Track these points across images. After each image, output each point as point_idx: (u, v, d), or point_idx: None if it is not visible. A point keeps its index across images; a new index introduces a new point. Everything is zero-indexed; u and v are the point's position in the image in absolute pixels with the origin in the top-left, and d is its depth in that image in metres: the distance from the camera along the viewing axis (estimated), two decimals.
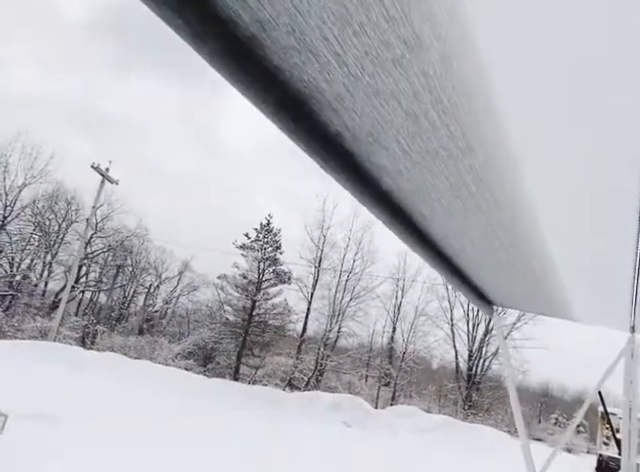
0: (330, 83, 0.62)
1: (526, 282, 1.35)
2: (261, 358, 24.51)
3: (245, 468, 6.80)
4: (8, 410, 5.43)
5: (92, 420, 7.56)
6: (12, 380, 8.88)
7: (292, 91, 0.67)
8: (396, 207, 0.95)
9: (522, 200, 0.89)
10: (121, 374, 13.49)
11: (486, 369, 27.59)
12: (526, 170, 0.80)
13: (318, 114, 0.71)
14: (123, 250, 27.82)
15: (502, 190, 0.84)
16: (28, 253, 25.78)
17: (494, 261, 1.18)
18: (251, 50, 0.60)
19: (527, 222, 0.96)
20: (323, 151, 0.79)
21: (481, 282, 1.45)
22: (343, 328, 26.95)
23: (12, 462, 4.91)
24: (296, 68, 0.62)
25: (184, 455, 6.72)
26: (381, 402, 25.45)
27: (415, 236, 1.11)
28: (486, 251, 1.11)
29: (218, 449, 7.50)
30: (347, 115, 0.69)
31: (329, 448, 9.71)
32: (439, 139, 0.71)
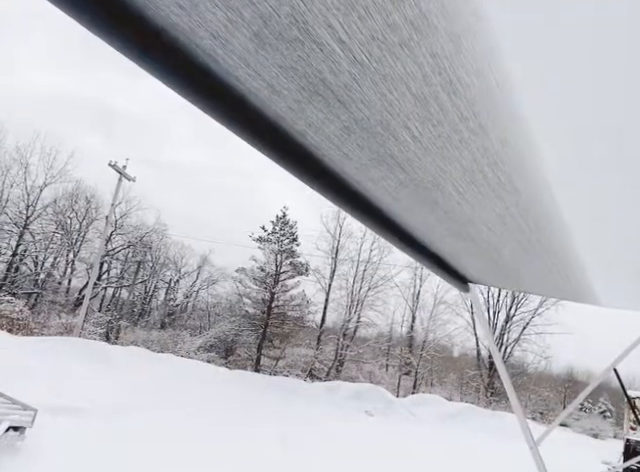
0: (336, 74, 0.60)
1: (546, 266, 1.32)
2: (281, 349, 24.74)
3: (269, 456, 6.89)
4: (37, 404, 5.59)
5: (119, 413, 7.75)
6: (40, 375, 9.14)
7: (296, 88, 0.65)
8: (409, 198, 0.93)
9: (541, 181, 0.86)
10: (145, 367, 13.77)
11: (508, 356, 27.38)
12: (544, 149, 0.76)
13: (324, 111, 0.69)
14: (143, 246, 28.25)
15: (519, 171, 0.82)
16: (51, 252, 26.39)
17: (513, 246, 1.15)
18: (256, 51, 0.58)
19: (546, 204, 0.93)
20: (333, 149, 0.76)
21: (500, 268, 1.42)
22: (362, 318, 27.03)
23: (42, 454, 5.06)
24: (299, 62, 0.59)
25: (207, 443, 6.84)
26: (402, 391, 25.49)
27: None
28: (503, 236, 1.09)
29: (242, 438, 7.62)
30: (355, 107, 0.66)
31: (352, 437, 9.78)
32: (450, 122, 0.68)
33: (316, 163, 0.88)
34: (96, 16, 0.56)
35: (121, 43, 0.61)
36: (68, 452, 5.30)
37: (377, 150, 0.77)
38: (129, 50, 0.62)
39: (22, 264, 25.27)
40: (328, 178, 1.02)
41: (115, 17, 0.57)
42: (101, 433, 6.33)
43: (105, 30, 0.59)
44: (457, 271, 1.61)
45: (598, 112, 0.67)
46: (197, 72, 0.66)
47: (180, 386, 11.86)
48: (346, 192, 1.16)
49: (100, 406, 7.87)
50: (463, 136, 0.71)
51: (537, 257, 1.22)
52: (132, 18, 0.56)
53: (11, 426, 5.00)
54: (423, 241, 1.31)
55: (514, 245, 1.15)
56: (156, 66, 0.67)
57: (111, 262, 28.08)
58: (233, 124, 0.82)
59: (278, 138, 0.82)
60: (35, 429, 5.31)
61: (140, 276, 28.87)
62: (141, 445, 6.16)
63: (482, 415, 16.68)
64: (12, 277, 24.21)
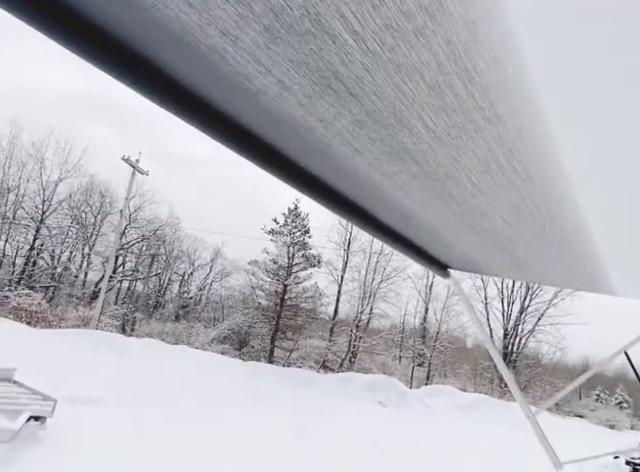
0: (348, 66, 0.59)
1: (561, 256, 1.30)
2: (294, 341, 24.89)
3: (283, 446, 6.96)
4: (57, 395, 5.71)
5: (136, 403, 7.88)
6: (59, 366, 9.32)
7: (307, 83, 0.64)
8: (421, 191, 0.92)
9: (557, 170, 0.85)
10: (161, 359, 13.96)
11: (522, 347, 27.21)
12: (560, 137, 0.75)
13: (335, 105, 0.68)
14: (156, 239, 28.53)
15: (535, 160, 0.80)
16: (67, 245, 26.80)
17: (528, 236, 1.14)
18: (267, 46, 0.57)
19: (562, 193, 0.92)
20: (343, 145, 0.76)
21: (515, 259, 1.40)
22: (375, 309, 27.03)
23: (63, 443, 5.18)
24: (311, 55, 0.59)
25: (221, 433, 6.94)
26: (416, 382, 25.51)
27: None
28: (518, 227, 1.07)
29: (256, 428, 7.70)
30: (367, 99, 0.65)
31: (366, 428, 9.82)
32: (465, 111, 0.67)
33: (329, 160, 0.87)
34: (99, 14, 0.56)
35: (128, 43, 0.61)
36: (88, 441, 5.42)
37: (390, 143, 0.75)
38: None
39: (39, 258, 25.70)
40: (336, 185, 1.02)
41: (120, 14, 0.56)
42: (118, 422, 6.45)
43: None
44: (439, 259, 1.59)
45: (616, 99, 0.65)
46: (205, 72, 0.65)
47: (195, 377, 12.01)
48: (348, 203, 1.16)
49: (117, 396, 8.01)
50: (478, 125, 0.70)
51: (552, 247, 1.21)
52: (138, 17, 0.56)
53: (32, 416, 5.12)
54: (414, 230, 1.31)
55: (529, 235, 1.13)
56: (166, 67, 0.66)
57: (126, 255, 28.42)
58: (243, 124, 0.82)
59: (286, 137, 0.81)
60: (55, 419, 5.43)
61: (154, 269, 29.20)
62: (158, 434, 6.27)
63: (496, 406, 16.62)
64: (30, 271, 24.65)
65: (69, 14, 0.57)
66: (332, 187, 1.11)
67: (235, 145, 0.87)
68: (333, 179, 1.05)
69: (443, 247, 1.38)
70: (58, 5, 0.56)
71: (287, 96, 0.67)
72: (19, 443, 4.75)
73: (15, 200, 24.74)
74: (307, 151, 0.89)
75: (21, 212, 24.98)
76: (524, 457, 8.59)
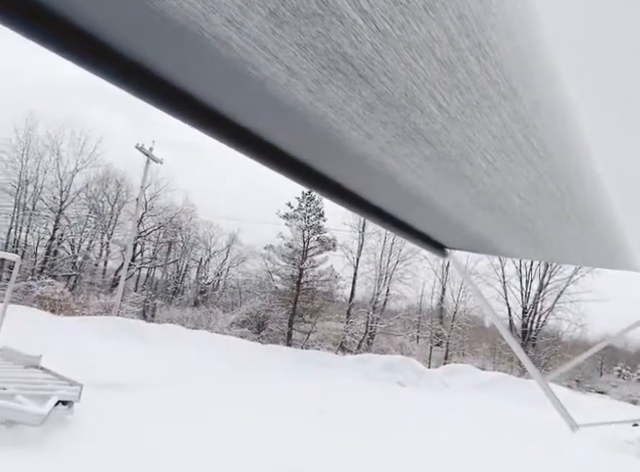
0: (357, 47, 0.56)
1: (582, 233, 1.27)
2: (312, 324, 25.12)
3: (303, 426, 7.09)
4: (82, 380, 5.88)
5: (161, 387, 8.08)
6: (83, 353, 9.58)
7: (315, 68, 0.62)
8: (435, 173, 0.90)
9: (576, 144, 0.82)
10: (182, 344, 14.25)
11: (542, 325, 27.02)
12: (579, 109, 0.72)
13: (345, 89, 0.66)
14: (173, 227, 28.84)
15: (552, 135, 0.77)
16: (86, 235, 27.25)
17: (547, 214, 1.11)
18: (273, 31, 0.55)
19: (582, 168, 0.89)
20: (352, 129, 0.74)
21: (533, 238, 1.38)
22: (391, 291, 27.07)
23: (91, 426, 5.35)
24: (319, 38, 0.57)
25: (244, 414, 7.08)
26: (434, 362, 25.61)
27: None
28: (536, 205, 1.05)
29: (277, 408, 7.84)
30: (377, 80, 0.63)
31: (384, 406, 9.93)
32: (479, 88, 0.65)
33: (337, 147, 0.85)
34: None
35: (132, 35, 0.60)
36: (115, 424, 5.58)
37: (402, 125, 0.73)
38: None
39: (60, 248, 26.23)
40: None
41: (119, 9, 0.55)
42: (144, 406, 6.63)
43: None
44: (435, 239, 1.57)
45: (637, 68, 0.62)
46: (209, 62, 0.64)
47: (216, 361, 12.25)
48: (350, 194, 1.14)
49: (141, 381, 8.22)
50: (493, 101, 0.67)
51: (572, 225, 1.18)
52: (139, 11, 0.54)
53: (60, 400, 5.28)
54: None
55: (548, 213, 1.11)
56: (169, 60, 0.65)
57: (144, 243, 28.83)
58: (250, 115, 0.80)
59: (296, 127, 0.80)
60: (82, 403, 5.59)
61: (172, 256, 29.59)
62: (183, 416, 6.43)
63: (516, 383, 16.61)
64: (51, 261, 25.20)
65: (55, 15, 0.56)
66: (341, 181, 1.10)
67: (239, 144, 0.86)
68: (342, 170, 1.03)
69: (455, 229, 1.36)
70: (52, 12, 0.55)
71: (295, 82, 0.65)
72: (49, 427, 4.92)
73: (34, 191, 25.17)
74: (316, 142, 0.88)
75: (40, 203, 25.43)
76: (543, 431, 8.61)
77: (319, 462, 5.57)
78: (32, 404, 4.89)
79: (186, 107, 0.77)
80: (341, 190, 1.14)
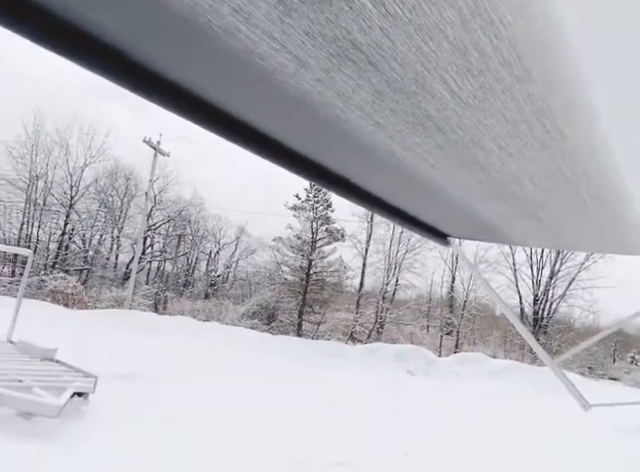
0: (366, 32, 0.55)
1: (596, 219, 1.25)
2: (322, 314, 25.22)
3: (314, 414, 7.15)
4: (97, 372, 5.97)
5: (174, 378, 8.18)
6: (97, 345, 9.72)
7: (324, 56, 0.60)
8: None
9: (591, 125, 0.80)
10: (194, 335, 14.39)
11: (553, 312, 26.87)
12: (594, 89, 0.70)
13: (354, 77, 0.64)
14: (182, 220, 29.00)
15: (567, 117, 0.75)
16: (97, 229, 27.49)
17: (561, 200, 1.09)
18: (281, 19, 0.54)
19: (597, 151, 0.87)
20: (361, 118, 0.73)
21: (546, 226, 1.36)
22: (401, 281, 27.05)
23: (107, 417, 5.44)
24: (327, 25, 0.55)
25: (255, 406, 7.15)
26: (444, 351, 25.62)
27: None
28: (550, 191, 1.03)
29: (287, 399, 7.91)
30: (387, 67, 0.61)
31: (394, 393, 9.97)
32: (492, 70, 0.63)
33: (345, 137, 0.84)
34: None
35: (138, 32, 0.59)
36: (129, 414, 5.67)
37: (412, 112, 0.72)
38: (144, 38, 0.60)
39: (71, 242, 26.51)
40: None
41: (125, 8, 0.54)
42: (157, 397, 6.72)
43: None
44: (442, 229, 1.56)
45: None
46: (218, 56, 0.63)
47: (228, 352, 12.36)
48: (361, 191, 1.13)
49: (155, 373, 8.32)
50: (506, 84, 0.65)
51: (588, 210, 1.16)
52: (145, 9, 0.54)
53: (75, 392, 5.37)
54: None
55: (562, 198, 1.09)
56: (174, 53, 0.64)
57: (154, 237, 29.04)
58: (257, 111, 0.79)
59: (304, 116, 0.78)
60: (97, 395, 5.68)
61: (181, 249, 29.78)
62: (195, 406, 6.51)
63: (527, 371, 16.57)
64: (63, 255, 25.49)
65: (51, 13, 0.56)
66: (348, 174, 1.09)
67: (246, 142, 0.85)
68: (350, 162, 1.02)
69: (465, 218, 1.35)
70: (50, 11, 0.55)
71: (303, 72, 0.64)
72: (65, 418, 5.01)
73: (44, 187, 25.40)
74: (324, 133, 0.86)
75: (51, 198, 25.67)
76: (562, 422, 8.60)
77: (329, 452, 5.61)
78: (48, 396, 4.98)
79: (194, 106, 0.76)
80: (348, 184, 1.13)
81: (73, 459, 4.21)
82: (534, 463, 6.20)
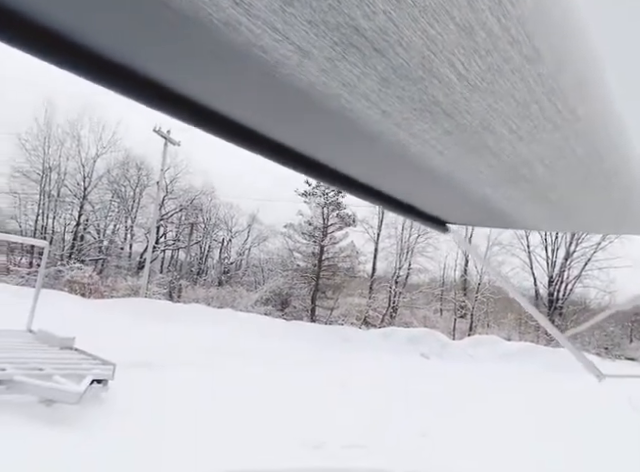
0: (370, 18, 0.53)
1: (611, 200, 1.22)
2: (334, 300, 25.34)
3: (329, 396, 7.23)
4: (114, 360, 6.09)
5: (190, 365, 8.32)
6: (114, 334, 9.90)
7: (328, 44, 0.59)
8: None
9: (605, 103, 0.77)
10: (209, 322, 14.58)
11: (569, 293, 26.65)
12: (607, 67, 0.68)
13: (359, 65, 0.62)
14: (194, 209, 29.16)
15: (579, 95, 0.73)
16: (111, 219, 27.82)
17: (573, 182, 1.06)
18: (282, 9, 0.53)
19: (611, 129, 0.84)
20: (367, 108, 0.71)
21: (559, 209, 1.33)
22: (413, 265, 26.99)
23: (125, 403, 5.56)
24: (330, 12, 0.53)
25: (269, 390, 7.26)
26: (458, 334, 25.63)
27: None
28: (562, 173, 1.00)
29: (303, 381, 8.01)
30: (393, 52, 0.59)
31: (408, 376, 10.03)
32: (500, 50, 0.61)
33: (350, 129, 0.83)
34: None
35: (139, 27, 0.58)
36: (147, 400, 5.79)
37: (419, 98, 0.70)
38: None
39: (86, 233, 26.88)
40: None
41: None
42: (174, 384, 6.85)
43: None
44: (434, 214, 1.54)
45: None
46: (216, 51, 0.61)
47: (242, 338, 12.51)
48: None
49: (171, 359, 8.47)
50: (515, 64, 0.63)
51: (600, 190, 1.13)
52: (143, 6, 0.52)
53: (95, 379, 5.49)
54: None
55: (575, 180, 1.06)
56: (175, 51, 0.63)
57: (166, 226, 29.28)
58: (258, 106, 0.78)
59: (309, 110, 0.77)
60: (115, 382, 5.81)
61: (194, 237, 30.00)
62: (211, 391, 6.63)
63: (543, 352, 16.53)
64: (79, 246, 25.87)
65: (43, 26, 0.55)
66: (352, 169, 1.07)
67: (250, 144, 0.85)
68: (354, 155, 1.01)
69: (475, 205, 1.33)
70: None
71: (307, 63, 0.62)
72: (85, 404, 5.13)
73: (57, 178, 25.69)
74: (328, 126, 0.85)
75: (64, 190, 25.97)
76: (581, 402, 8.59)
77: (345, 435, 5.68)
78: (68, 383, 5.10)
79: (193, 109, 0.75)
80: (354, 180, 1.12)
81: (93, 444, 4.32)
82: (550, 442, 6.21)
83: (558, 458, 5.61)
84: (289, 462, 4.63)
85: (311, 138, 0.91)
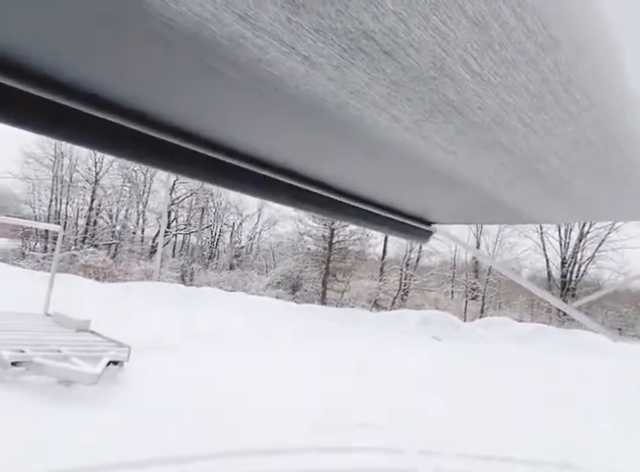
0: (379, 19, 0.52)
1: (629, 188, 1.20)
2: (345, 282, 25.43)
3: (341, 378, 7.32)
4: (130, 342, 6.22)
5: (203, 346, 8.46)
6: (128, 316, 10.07)
7: (336, 52, 0.57)
8: None
9: (622, 92, 0.76)
10: (221, 306, 14.74)
11: (582, 274, 26.43)
12: (624, 54, 0.66)
13: (368, 70, 0.61)
14: (204, 193, 29.23)
15: (596, 83, 0.71)
16: (123, 204, 28.03)
17: (589, 173, 1.05)
18: (289, 19, 0.52)
19: (629, 118, 0.83)
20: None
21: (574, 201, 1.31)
22: (424, 247, 26.88)
23: (142, 383, 5.69)
24: (338, 17, 0.52)
25: (283, 371, 7.36)
26: (470, 315, 25.63)
27: None
28: (578, 165, 0.99)
29: (314, 363, 8.11)
30: (403, 53, 0.58)
31: (421, 360, 10.09)
32: (515, 42, 0.59)
33: (357, 138, 0.82)
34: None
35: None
36: (164, 380, 5.92)
37: (430, 99, 0.69)
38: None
39: (99, 218, 27.15)
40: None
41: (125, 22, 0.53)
42: (190, 364, 6.98)
43: None
44: (441, 215, 1.54)
45: None
46: (219, 68, 0.61)
47: (254, 320, 12.65)
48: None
49: (185, 341, 8.62)
50: (530, 55, 0.62)
51: (617, 179, 1.11)
52: (146, 25, 0.52)
53: (111, 361, 5.62)
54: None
55: (591, 170, 1.04)
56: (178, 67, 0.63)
57: (177, 210, 29.46)
58: (265, 117, 0.77)
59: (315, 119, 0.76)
60: (131, 363, 5.94)
61: (205, 222, 30.16)
62: (225, 371, 6.75)
63: (555, 333, 16.46)
64: (92, 230, 26.18)
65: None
66: (358, 186, 1.07)
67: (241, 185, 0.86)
68: (363, 168, 1.01)
69: (487, 203, 1.31)
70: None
71: (314, 73, 0.61)
72: (102, 385, 5.26)
73: (70, 164, 25.89)
74: (334, 142, 0.84)
75: (77, 175, 26.19)
76: (593, 383, 8.59)
77: (356, 415, 5.76)
78: (85, 365, 5.22)
79: (190, 137, 0.78)
80: (358, 197, 1.14)
81: (111, 422, 4.45)
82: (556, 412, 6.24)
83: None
84: (302, 440, 4.72)
85: (316, 153, 0.91)
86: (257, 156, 0.96)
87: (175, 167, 0.90)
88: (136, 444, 4.10)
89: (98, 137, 0.71)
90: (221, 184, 1.00)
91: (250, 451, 4.34)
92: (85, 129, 0.70)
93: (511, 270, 1.94)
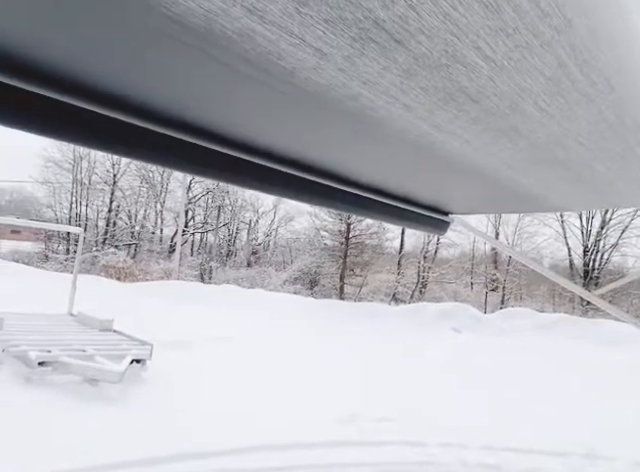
0: (389, 7, 0.50)
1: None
2: (363, 277, 25.39)
3: (362, 372, 7.33)
4: (152, 340, 6.32)
5: (226, 343, 8.55)
6: (150, 315, 10.23)
7: (347, 42, 0.57)
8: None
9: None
10: (240, 302, 14.87)
11: (605, 262, 25.89)
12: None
13: (379, 60, 0.60)
14: (220, 191, 29.45)
15: (614, 64, 0.69)
16: (141, 205, 28.47)
17: (609, 156, 1.02)
18: (298, 10, 0.51)
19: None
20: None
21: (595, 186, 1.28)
22: (442, 239, 26.67)
23: (165, 381, 5.78)
24: (347, 7, 0.52)
25: (303, 366, 7.39)
26: (490, 307, 25.35)
27: None
28: (597, 149, 0.96)
29: (336, 357, 8.13)
30: (414, 41, 0.57)
31: (442, 352, 10.03)
32: (529, 25, 0.58)
33: (371, 131, 0.81)
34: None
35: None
36: (186, 377, 6.01)
37: (443, 87, 0.67)
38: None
39: (118, 219, 27.62)
40: None
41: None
42: (211, 361, 7.07)
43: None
44: (459, 206, 1.51)
45: None
46: (230, 63, 0.61)
47: (274, 316, 12.73)
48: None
49: (207, 338, 8.72)
50: (545, 38, 0.60)
51: (638, 162, 1.08)
52: (155, 23, 0.52)
53: (134, 359, 5.72)
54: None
55: (610, 154, 1.01)
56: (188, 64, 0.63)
57: (194, 209, 29.77)
58: (276, 112, 0.77)
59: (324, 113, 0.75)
60: (154, 361, 6.03)
61: (222, 220, 30.40)
62: (246, 368, 6.82)
63: (579, 323, 16.15)
64: (112, 231, 26.64)
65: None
66: (376, 181, 1.06)
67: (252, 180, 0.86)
68: (375, 161, 0.99)
69: (504, 192, 1.29)
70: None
71: (325, 65, 0.60)
72: (126, 383, 5.36)
73: (88, 166, 26.37)
74: (348, 133, 0.84)
75: (95, 177, 26.66)
76: (621, 373, 8.43)
77: (377, 408, 5.76)
78: (109, 363, 5.33)
79: (203, 131, 0.77)
80: (373, 188, 1.12)
81: (135, 419, 4.53)
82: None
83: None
84: (324, 435, 4.74)
85: (328, 146, 0.90)
86: (272, 151, 0.96)
87: (188, 166, 0.90)
88: (161, 440, 4.17)
89: (109, 138, 0.72)
90: (238, 183, 1.00)
91: (275, 446, 4.38)
92: (96, 130, 0.71)
93: (532, 260, 1.91)
